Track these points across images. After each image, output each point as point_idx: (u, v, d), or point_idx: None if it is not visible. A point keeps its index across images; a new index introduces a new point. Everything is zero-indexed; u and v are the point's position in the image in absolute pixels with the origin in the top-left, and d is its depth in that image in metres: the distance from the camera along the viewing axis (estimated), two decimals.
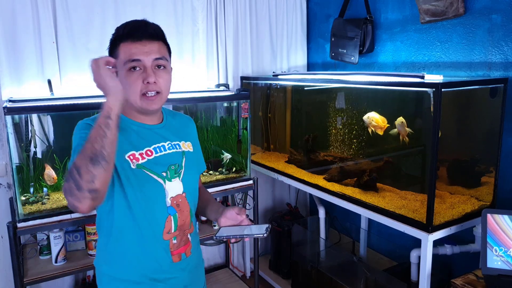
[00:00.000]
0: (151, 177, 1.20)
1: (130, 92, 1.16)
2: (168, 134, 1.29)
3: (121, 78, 1.14)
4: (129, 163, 1.17)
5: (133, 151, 1.19)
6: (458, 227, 1.79)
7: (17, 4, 2.11)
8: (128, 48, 1.15)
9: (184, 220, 1.27)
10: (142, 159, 1.19)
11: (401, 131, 1.92)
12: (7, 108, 1.79)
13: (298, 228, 2.68)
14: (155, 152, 1.23)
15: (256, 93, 2.94)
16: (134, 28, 1.16)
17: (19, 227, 1.86)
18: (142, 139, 1.22)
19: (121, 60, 1.16)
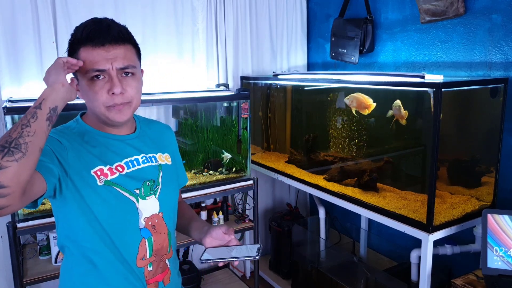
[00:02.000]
0: (122, 195, 1.05)
1: (94, 104, 1.02)
2: (142, 146, 1.15)
3: (83, 87, 1.02)
4: (95, 180, 1.02)
5: (100, 166, 1.04)
6: (458, 227, 1.78)
7: (17, 4, 2.11)
8: (90, 54, 0.99)
9: (161, 244, 1.12)
10: (111, 175, 1.05)
11: (397, 114, 1.92)
12: (7, 108, 1.79)
13: (298, 228, 2.68)
14: (127, 167, 1.08)
15: (256, 93, 2.94)
16: (96, 30, 0.99)
17: (19, 227, 1.86)
18: (111, 152, 1.07)
19: (81, 69, 1.00)
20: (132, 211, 1.07)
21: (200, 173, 2.48)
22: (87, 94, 1.03)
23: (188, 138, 2.51)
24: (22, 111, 1.85)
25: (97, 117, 1.06)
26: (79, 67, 1.00)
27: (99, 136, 1.08)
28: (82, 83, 1.02)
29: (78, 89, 1.04)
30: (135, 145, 1.13)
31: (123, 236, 1.06)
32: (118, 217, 1.05)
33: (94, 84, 1.01)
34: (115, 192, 1.04)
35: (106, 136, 1.09)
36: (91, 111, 1.07)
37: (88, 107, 1.08)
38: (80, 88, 1.04)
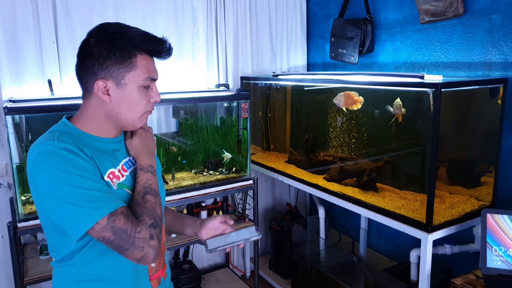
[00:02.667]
0: (131, 195, 1.05)
1: (132, 110, 1.02)
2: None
3: (128, 93, 1.01)
4: (110, 185, 1.00)
5: (112, 169, 1.02)
6: (457, 227, 1.79)
7: (18, 4, 2.11)
8: (147, 62, 1.02)
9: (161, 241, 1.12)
10: (122, 177, 1.04)
11: (397, 113, 1.92)
12: (7, 108, 1.79)
13: (298, 228, 2.69)
14: (126, 167, 1.08)
15: (256, 93, 2.95)
16: (158, 43, 1.03)
17: (20, 227, 1.86)
18: (111, 156, 1.06)
19: (137, 75, 1.00)
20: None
21: (200, 173, 2.48)
22: (130, 100, 1.01)
23: (188, 138, 2.51)
24: (22, 111, 1.86)
25: (112, 121, 1.04)
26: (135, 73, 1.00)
27: (94, 141, 1.03)
28: (129, 89, 1.00)
29: (107, 93, 1.00)
30: (124, 147, 1.11)
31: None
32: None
33: (143, 92, 1.03)
34: (127, 194, 1.04)
35: (100, 140, 1.05)
36: (105, 115, 1.03)
37: (107, 111, 1.02)
38: (118, 92, 1.00)
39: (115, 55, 0.98)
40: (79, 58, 1.02)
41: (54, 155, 0.92)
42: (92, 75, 0.99)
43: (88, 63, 0.99)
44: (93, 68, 0.98)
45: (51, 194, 0.92)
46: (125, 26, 1.01)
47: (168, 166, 2.41)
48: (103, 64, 0.98)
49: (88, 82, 1.00)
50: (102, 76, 0.98)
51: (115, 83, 0.99)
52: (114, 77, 0.99)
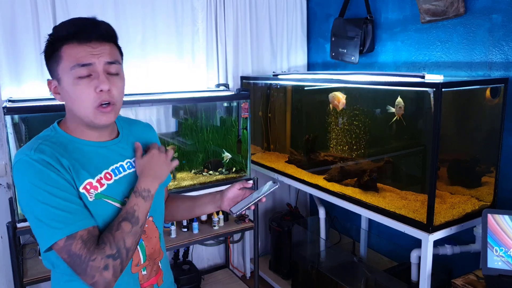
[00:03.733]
0: (113, 206, 1.01)
1: (79, 105, 0.96)
2: (126, 150, 1.09)
3: (66, 88, 0.96)
4: (85, 196, 0.96)
5: (89, 179, 0.98)
6: (458, 227, 1.78)
7: (17, 4, 2.11)
8: (75, 51, 0.94)
9: (153, 248, 1.11)
10: (101, 187, 1.00)
11: (398, 112, 1.92)
12: (6, 108, 1.79)
13: (298, 228, 2.68)
14: (114, 174, 1.03)
15: (256, 93, 2.94)
16: (82, 27, 0.95)
17: (19, 227, 1.86)
18: (98, 161, 1.02)
19: (65, 66, 0.94)
20: None
21: (200, 173, 2.48)
22: (71, 95, 0.96)
23: (188, 138, 2.51)
24: (22, 111, 1.86)
25: (80, 121, 1.00)
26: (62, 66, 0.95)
27: (81, 145, 1.01)
28: (65, 83, 0.96)
29: (57, 92, 0.99)
30: (118, 150, 1.08)
31: None
32: None
33: (80, 83, 0.95)
34: (106, 204, 1.00)
35: (89, 144, 1.02)
36: (72, 114, 1.00)
37: (69, 111, 1.01)
38: (61, 89, 0.97)
39: (47, 53, 0.98)
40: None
41: (28, 167, 0.92)
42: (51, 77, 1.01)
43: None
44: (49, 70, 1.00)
45: (24, 205, 0.93)
46: (65, 20, 0.98)
47: None
48: (47, 64, 0.99)
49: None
50: (50, 76, 1.00)
51: (57, 80, 0.98)
52: (54, 75, 0.98)
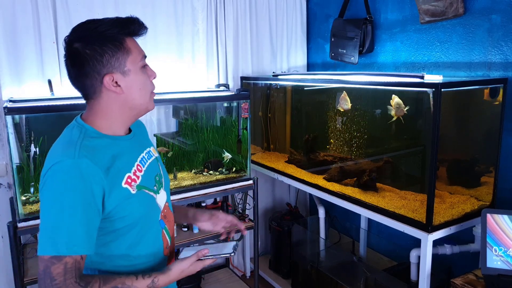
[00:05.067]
0: (149, 195, 1.08)
1: (142, 93, 1.05)
2: (140, 143, 1.16)
3: (134, 78, 1.02)
4: (127, 191, 1.01)
5: (128, 173, 1.03)
6: (457, 227, 1.79)
7: (17, 4, 2.12)
8: (135, 44, 1.04)
9: (172, 230, 1.20)
10: (138, 179, 1.05)
11: (398, 114, 1.92)
12: (7, 108, 1.79)
13: (298, 228, 2.69)
14: (142, 165, 1.09)
15: (256, 93, 2.95)
16: (134, 23, 1.02)
17: (20, 227, 1.86)
18: (129, 154, 1.07)
19: (135, 58, 1.02)
20: (155, 208, 1.11)
21: (200, 173, 2.48)
22: (138, 84, 1.03)
23: (188, 138, 2.51)
24: (22, 111, 1.86)
25: (127, 112, 1.05)
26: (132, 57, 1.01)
27: (113, 140, 1.05)
28: (133, 73, 1.02)
29: (118, 84, 1.01)
30: (137, 142, 1.13)
31: (153, 232, 1.11)
32: (149, 217, 1.09)
33: (144, 72, 1.05)
34: (145, 195, 1.06)
35: (119, 138, 1.06)
36: (126, 106, 1.04)
37: (124, 102, 1.03)
38: (126, 81, 1.01)
39: (109, 47, 0.99)
40: (75, 67, 1.00)
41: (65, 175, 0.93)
42: (96, 76, 0.99)
43: (87, 67, 0.98)
44: (95, 68, 0.98)
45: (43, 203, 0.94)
46: (96, 20, 1.01)
47: (169, 166, 2.41)
48: (102, 60, 0.98)
49: (94, 84, 1.00)
50: (106, 71, 0.99)
51: (121, 73, 1.01)
52: (117, 68, 1.00)
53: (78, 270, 0.92)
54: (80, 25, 1.01)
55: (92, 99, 1.03)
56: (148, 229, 1.09)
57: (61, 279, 0.90)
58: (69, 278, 0.91)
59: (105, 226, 1.00)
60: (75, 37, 1.00)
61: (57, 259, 0.91)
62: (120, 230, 1.02)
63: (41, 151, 2.00)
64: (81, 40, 0.98)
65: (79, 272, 0.93)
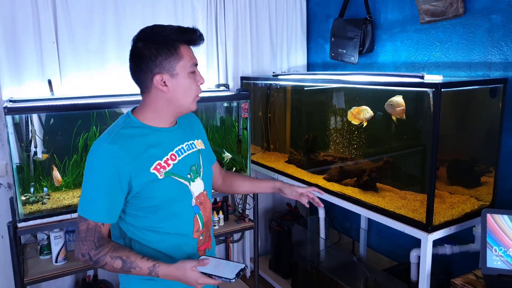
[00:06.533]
0: (179, 182, 1.22)
1: (187, 95, 1.19)
2: (183, 135, 1.30)
3: (181, 81, 1.17)
4: (155, 176, 1.17)
5: (158, 161, 1.19)
6: (457, 227, 1.79)
7: (17, 4, 2.11)
8: (188, 52, 1.18)
9: (207, 217, 1.32)
10: (168, 166, 1.20)
11: (391, 112, 1.91)
12: (7, 108, 1.79)
13: (298, 228, 2.69)
14: (177, 155, 1.24)
15: (256, 93, 2.95)
16: (193, 33, 1.18)
17: (20, 227, 1.86)
18: (165, 144, 1.23)
19: (185, 64, 1.16)
20: (187, 194, 1.25)
21: None
22: (183, 87, 1.17)
23: None
24: (22, 111, 1.86)
25: (171, 109, 1.21)
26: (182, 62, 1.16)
27: (151, 130, 1.20)
28: (181, 77, 1.16)
29: (166, 85, 1.15)
30: (179, 135, 1.27)
31: (182, 215, 1.24)
32: (178, 200, 1.22)
33: (191, 77, 1.19)
34: (173, 181, 1.20)
35: (158, 129, 1.22)
36: (165, 104, 1.19)
37: (169, 100, 1.18)
38: (173, 82, 1.16)
39: (163, 51, 1.14)
40: (134, 62, 1.17)
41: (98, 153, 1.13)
42: (149, 73, 1.15)
43: (144, 64, 1.14)
44: (148, 66, 1.14)
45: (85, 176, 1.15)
46: (162, 25, 1.18)
47: None
48: (155, 61, 1.14)
49: (146, 80, 1.16)
50: (158, 71, 1.14)
51: (169, 75, 1.15)
52: (167, 70, 1.15)
53: (98, 233, 1.13)
54: (148, 27, 1.17)
55: (144, 93, 1.20)
56: (177, 211, 1.23)
57: (83, 234, 1.12)
58: (89, 236, 1.12)
59: (135, 203, 1.18)
60: (140, 37, 1.16)
61: (83, 219, 1.13)
62: (149, 208, 1.18)
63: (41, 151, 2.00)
64: (144, 41, 1.15)
65: (99, 234, 1.13)
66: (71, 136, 2.03)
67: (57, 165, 1.99)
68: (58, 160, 2.00)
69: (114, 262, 1.11)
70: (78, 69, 2.30)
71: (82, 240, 1.12)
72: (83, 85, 2.31)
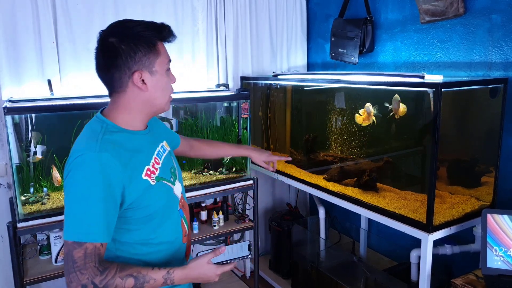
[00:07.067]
0: (168, 186, 1.17)
1: (163, 93, 1.13)
2: (155, 138, 1.24)
3: (159, 79, 1.11)
4: (147, 182, 1.09)
5: (147, 166, 1.12)
6: (458, 227, 1.79)
7: (17, 4, 2.11)
8: (164, 48, 1.13)
9: (188, 219, 1.29)
10: (156, 171, 1.13)
11: (395, 108, 1.91)
12: (7, 108, 1.79)
13: (298, 228, 2.68)
14: (159, 158, 1.18)
15: (256, 93, 2.94)
16: (168, 30, 1.12)
17: (19, 227, 1.86)
18: (147, 148, 1.16)
19: (163, 60, 1.11)
20: (174, 198, 1.20)
21: (200, 173, 2.48)
22: (161, 85, 1.11)
23: None
24: (22, 111, 1.86)
25: (147, 109, 1.13)
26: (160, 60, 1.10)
27: (130, 134, 1.12)
28: (159, 75, 1.11)
29: (145, 82, 1.09)
30: (152, 138, 1.21)
31: (173, 221, 1.19)
32: (169, 206, 1.17)
33: (167, 75, 1.14)
34: (164, 185, 1.15)
35: (137, 133, 1.14)
36: (147, 103, 1.12)
37: (146, 100, 1.11)
38: (152, 80, 1.09)
39: (143, 46, 1.07)
40: (108, 59, 1.07)
41: (87, 167, 1.00)
42: (126, 70, 1.07)
43: (119, 60, 1.05)
44: (126, 63, 1.06)
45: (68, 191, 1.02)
46: (133, 20, 1.10)
47: None
48: (134, 57, 1.06)
49: (122, 77, 1.07)
50: (136, 68, 1.07)
51: (149, 72, 1.09)
52: (146, 66, 1.08)
53: (98, 256, 0.99)
54: (118, 22, 1.09)
55: (117, 93, 1.10)
56: (168, 218, 1.16)
57: (82, 262, 0.97)
58: (89, 262, 0.98)
59: (129, 215, 1.08)
60: (111, 32, 1.07)
61: (78, 244, 0.98)
62: (144, 219, 1.10)
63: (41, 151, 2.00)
64: (117, 36, 1.06)
65: (99, 258, 1.00)
66: (71, 136, 2.02)
67: (56, 165, 1.99)
68: (57, 160, 2.00)
69: (125, 282, 1.00)
70: (78, 69, 2.30)
71: (81, 270, 0.97)
72: (83, 85, 2.30)
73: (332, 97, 2.43)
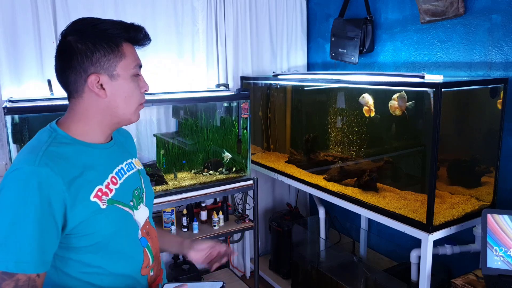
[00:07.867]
0: (123, 211, 0.99)
1: (127, 102, 0.98)
2: (121, 153, 1.08)
3: (122, 84, 0.97)
4: (97, 205, 0.92)
5: (99, 186, 0.94)
6: (458, 227, 1.79)
7: (17, 4, 2.11)
8: (132, 51, 0.99)
9: (156, 249, 1.11)
10: (110, 192, 0.96)
11: (401, 105, 1.91)
12: (7, 108, 1.79)
13: (298, 228, 2.68)
14: (118, 177, 1.01)
15: (256, 93, 2.95)
16: (138, 31, 0.98)
17: None
18: (103, 165, 0.99)
19: (127, 64, 0.97)
20: (133, 225, 1.03)
21: (200, 173, 2.48)
22: (125, 91, 0.97)
23: (188, 138, 2.51)
24: (22, 111, 1.86)
25: (107, 120, 0.99)
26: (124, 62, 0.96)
27: (84, 147, 0.97)
28: (122, 79, 0.96)
29: (103, 88, 0.95)
30: (116, 153, 1.05)
31: (128, 251, 1.02)
32: (123, 234, 1.00)
33: (134, 81, 0.98)
34: (118, 210, 0.98)
35: (91, 146, 0.98)
36: (106, 113, 0.97)
37: (105, 108, 0.97)
38: (112, 85, 0.95)
39: (103, 46, 0.93)
40: (62, 60, 0.95)
41: (22, 184, 0.84)
42: (81, 73, 0.93)
43: (75, 61, 0.93)
44: (82, 65, 0.93)
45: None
46: (99, 18, 0.96)
47: (169, 166, 2.41)
48: (92, 58, 0.93)
49: (77, 81, 0.94)
50: (93, 70, 0.93)
51: (108, 76, 0.95)
52: (105, 69, 0.94)
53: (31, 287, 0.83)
54: (81, 19, 0.96)
55: (74, 99, 0.97)
56: (122, 248, 1.00)
57: None
58: None
59: (69, 242, 0.91)
60: (71, 30, 0.94)
61: (7, 275, 0.81)
62: (87, 248, 0.93)
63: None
64: (76, 34, 0.93)
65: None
66: None
67: None
68: None
69: None
70: None
71: None
72: None
73: (332, 97, 2.43)
